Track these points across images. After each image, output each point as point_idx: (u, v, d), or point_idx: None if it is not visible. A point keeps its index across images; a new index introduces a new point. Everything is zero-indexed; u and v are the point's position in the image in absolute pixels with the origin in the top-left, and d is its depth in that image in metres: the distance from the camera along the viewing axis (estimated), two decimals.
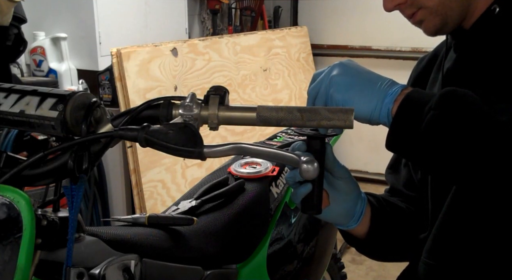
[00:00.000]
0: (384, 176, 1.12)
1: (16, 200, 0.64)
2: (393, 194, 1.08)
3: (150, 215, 1.02)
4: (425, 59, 1.06)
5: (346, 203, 0.90)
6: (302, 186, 0.83)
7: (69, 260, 0.70)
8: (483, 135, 0.69)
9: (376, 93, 0.77)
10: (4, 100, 0.72)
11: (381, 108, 0.77)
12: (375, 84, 0.78)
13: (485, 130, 0.69)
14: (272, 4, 4.00)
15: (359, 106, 0.77)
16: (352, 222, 0.93)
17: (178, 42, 2.65)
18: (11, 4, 1.30)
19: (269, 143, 1.47)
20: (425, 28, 0.89)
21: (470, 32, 0.89)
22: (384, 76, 0.80)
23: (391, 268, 2.90)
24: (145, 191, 2.40)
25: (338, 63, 0.81)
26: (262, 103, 3.03)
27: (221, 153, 0.72)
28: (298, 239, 1.34)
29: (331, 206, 0.88)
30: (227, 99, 0.76)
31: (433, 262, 0.92)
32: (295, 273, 1.33)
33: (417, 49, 3.41)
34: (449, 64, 0.95)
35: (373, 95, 0.77)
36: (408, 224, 1.01)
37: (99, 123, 0.74)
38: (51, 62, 2.68)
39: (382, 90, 0.77)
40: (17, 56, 1.57)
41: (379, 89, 0.77)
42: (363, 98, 0.77)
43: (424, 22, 0.88)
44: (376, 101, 0.77)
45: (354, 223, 0.93)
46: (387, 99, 0.76)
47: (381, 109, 0.77)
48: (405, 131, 0.74)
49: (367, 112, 0.78)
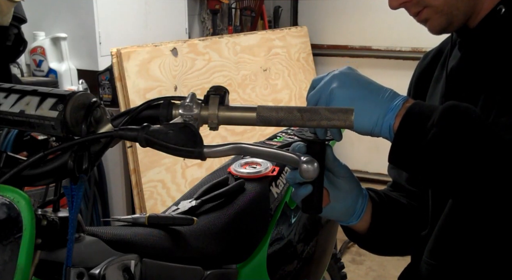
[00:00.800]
0: (387, 170, 1.12)
1: (16, 200, 0.64)
2: (395, 189, 1.08)
3: (150, 215, 1.02)
4: (429, 55, 1.06)
5: (346, 201, 0.90)
6: (302, 187, 0.84)
7: (69, 260, 0.70)
8: (487, 154, 0.69)
9: (377, 108, 0.77)
10: (4, 100, 0.72)
11: (382, 123, 0.76)
12: (376, 97, 0.77)
13: (488, 148, 0.69)
14: (272, 4, 4.00)
15: (360, 121, 0.77)
16: (353, 218, 0.93)
17: (178, 42, 2.65)
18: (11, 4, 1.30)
19: (269, 143, 1.47)
20: (430, 27, 0.89)
21: (475, 32, 0.89)
22: (384, 87, 0.80)
23: (391, 268, 2.90)
24: (145, 191, 2.41)
25: (337, 73, 0.80)
26: (262, 103, 3.03)
27: (221, 153, 0.72)
28: (298, 239, 1.34)
29: (332, 204, 0.89)
30: (227, 99, 0.76)
31: (435, 262, 0.92)
32: (295, 273, 1.33)
33: (417, 49, 3.41)
34: (453, 62, 0.95)
35: (374, 110, 0.77)
36: (409, 220, 1.01)
37: (99, 123, 0.74)
38: (51, 62, 2.68)
39: (383, 104, 0.77)
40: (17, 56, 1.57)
41: (380, 103, 0.77)
42: (364, 113, 0.77)
43: (429, 21, 0.89)
44: (378, 116, 0.76)
45: (355, 219, 0.93)
46: (388, 115, 0.76)
47: (382, 124, 0.76)
48: (408, 148, 0.74)
49: (368, 127, 0.78)
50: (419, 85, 1.06)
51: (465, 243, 0.88)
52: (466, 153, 0.70)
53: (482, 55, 0.89)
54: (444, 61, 0.99)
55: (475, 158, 0.70)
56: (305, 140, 0.85)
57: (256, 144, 0.75)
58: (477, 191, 0.71)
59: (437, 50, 1.05)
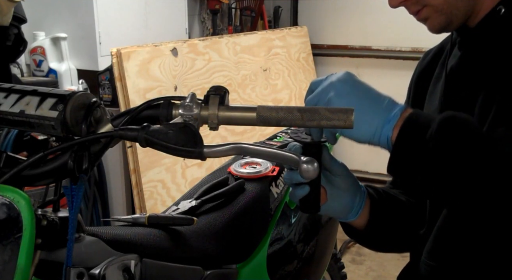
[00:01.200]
0: None
1: (16, 200, 0.64)
2: (395, 186, 1.09)
3: (150, 215, 1.02)
4: (430, 53, 1.06)
5: (344, 199, 0.91)
6: (299, 188, 0.85)
7: (69, 260, 0.70)
8: (485, 166, 0.70)
9: (375, 119, 0.77)
10: (4, 100, 0.72)
11: (380, 134, 0.77)
12: (374, 107, 0.77)
13: (487, 161, 0.70)
14: (272, 4, 3.99)
15: (358, 131, 0.77)
16: (351, 215, 0.93)
17: (178, 42, 2.65)
18: (11, 4, 1.30)
19: (269, 143, 1.47)
20: (430, 25, 0.90)
21: (475, 31, 0.90)
22: (382, 95, 0.79)
23: (391, 268, 2.90)
24: (145, 191, 2.41)
25: (335, 80, 0.79)
26: (262, 103, 3.03)
27: (221, 153, 0.72)
28: (298, 239, 1.34)
29: (330, 202, 0.89)
30: (227, 99, 0.76)
31: (434, 263, 0.92)
32: (295, 273, 1.33)
33: (417, 49, 3.41)
34: (453, 62, 0.95)
35: (372, 121, 0.77)
36: (407, 217, 1.02)
37: (99, 123, 0.74)
38: (51, 62, 2.68)
39: (381, 114, 0.77)
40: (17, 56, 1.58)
41: (378, 114, 0.77)
42: (362, 123, 0.77)
43: (429, 20, 0.89)
44: (375, 128, 0.76)
45: (353, 216, 0.94)
46: (386, 126, 0.76)
47: (380, 135, 0.77)
48: (406, 160, 0.75)
49: (366, 138, 0.78)
50: (420, 83, 1.06)
51: (464, 244, 0.88)
52: (465, 165, 0.70)
53: (481, 54, 0.89)
54: (444, 60, 0.99)
55: (473, 171, 0.70)
56: (301, 142, 0.85)
57: (256, 144, 0.75)
58: (476, 202, 0.72)
59: (438, 49, 1.05)
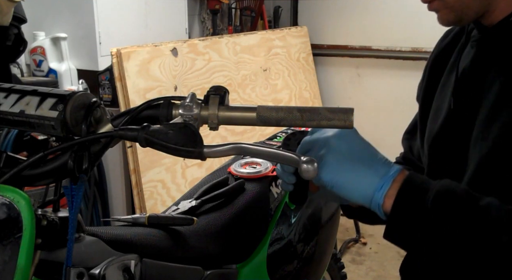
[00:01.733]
0: (401, 141, 1.13)
1: (16, 200, 0.64)
2: (405, 162, 1.09)
3: (150, 215, 1.02)
4: (451, 33, 1.04)
5: None
6: (285, 184, 0.86)
7: (69, 260, 0.70)
8: (485, 252, 0.71)
9: (366, 185, 0.76)
10: (4, 100, 0.72)
11: (371, 200, 0.76)
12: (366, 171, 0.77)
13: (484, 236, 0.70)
14: (272, 4, 4.00)
15: (349, 193, 0.77)
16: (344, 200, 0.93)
17: (178, 42, 2.65)
18: (11, 4, 1.30)
19: (269, 143, 1.47)
20: (439, 18, 0.89)
21: (492, 31, 0.88)
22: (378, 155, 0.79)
23: (391, 268, 2.90)
24: (145, 191, 2.41)
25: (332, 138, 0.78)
26: (262, 103, 3.03)
27: (221, 153, 0.72)
28: (298, 239, 1.34)
29: (321, 190, 0.89)
30: (227, 99, 0.76)
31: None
32: (295, 273, 1.33)
33: (417, 49, 3.41)
34: (465, 62, 0.94)
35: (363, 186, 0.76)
36: None
37: (99, 123, 0.74)
38: (51, 62, 2.68)
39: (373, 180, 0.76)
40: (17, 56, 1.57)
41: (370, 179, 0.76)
42: (353, 187, 0.77)
43: (439, 13, 0.88)
44: (366, 193, 0.76)
45: (346, 201, 0.93)
46: (376, 194, 0.76)
47: (371, 201, 0.76)
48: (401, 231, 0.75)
49: (357, 200, 0.78)
50: (435, 66, 1.04)
51: None
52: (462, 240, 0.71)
53: (496, 57, 0.88)
54: (461, 47, 0.98)
55: (473, 252, 0.71)
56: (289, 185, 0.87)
57: (256, 144, 0.75)
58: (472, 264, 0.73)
59: (458, 30, 1.02)
